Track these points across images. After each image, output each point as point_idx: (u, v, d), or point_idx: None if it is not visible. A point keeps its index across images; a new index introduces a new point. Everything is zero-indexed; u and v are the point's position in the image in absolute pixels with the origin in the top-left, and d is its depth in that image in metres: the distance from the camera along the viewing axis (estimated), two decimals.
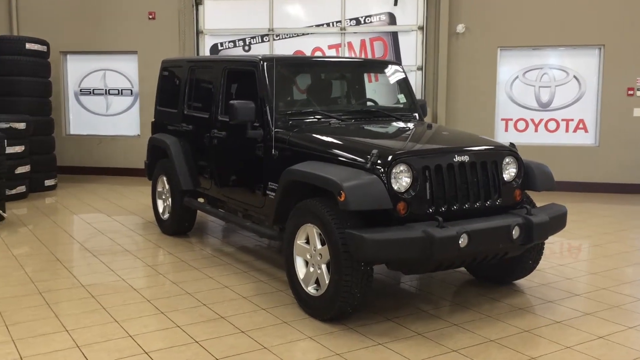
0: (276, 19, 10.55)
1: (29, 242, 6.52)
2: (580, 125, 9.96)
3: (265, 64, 5.26)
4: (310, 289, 4.39)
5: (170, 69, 6.97)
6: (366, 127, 5.17)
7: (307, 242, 4.42)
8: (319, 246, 4.28)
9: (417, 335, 4.09)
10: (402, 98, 5.92)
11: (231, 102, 5.09)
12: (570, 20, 9.68)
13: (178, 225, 6.68)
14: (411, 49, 10.27)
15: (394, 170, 4.12)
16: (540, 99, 10.08)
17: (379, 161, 4.15)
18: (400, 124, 5.39)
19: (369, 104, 5.89)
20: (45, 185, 9.70)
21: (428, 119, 9.67)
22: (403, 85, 5.97)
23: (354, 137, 4.77)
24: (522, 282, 5.21)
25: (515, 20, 9.84)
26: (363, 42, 10.40)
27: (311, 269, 4.39)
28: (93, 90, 11.54)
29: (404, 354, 3.78)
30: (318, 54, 10.44)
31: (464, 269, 5.39)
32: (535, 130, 10.11)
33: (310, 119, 5.19)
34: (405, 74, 6.04)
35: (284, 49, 10.54)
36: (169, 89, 6.88)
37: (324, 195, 4.30)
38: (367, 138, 4.69)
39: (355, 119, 5.38)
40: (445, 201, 4.26)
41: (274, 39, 10.60)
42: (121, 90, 11.44)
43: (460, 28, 9.92)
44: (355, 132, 4.99)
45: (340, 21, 10.39)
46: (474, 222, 4.17)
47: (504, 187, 4.52)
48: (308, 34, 10.53)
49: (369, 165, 4.16)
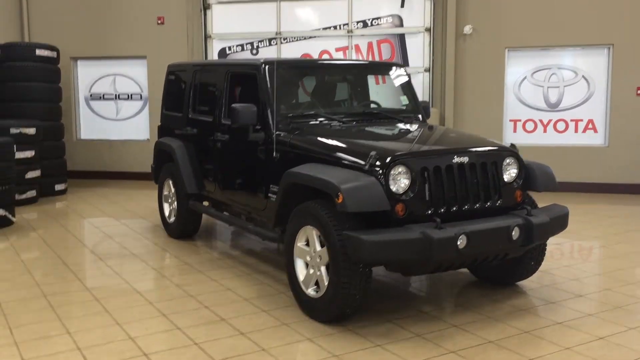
0: (283, 22, 10.60)
1: (37, 246, 6.60)
2: (590, 126, 9.89)
3: (266, 67, 5.29)
4: (310, 291, 4.40)
5: (175, 73, 7.03)
6: (367, 129, 5.18)
7: (308, 244, 4.43)
8: (318, 248, 4.29)
9: (416, 336, 4.08)
10: (404, 100, 5.92)
11: (233, 105, 5.13)
12: (578, 20, 9.62)
13: (184, 229, 6.72)
14: (418, 50, 10.27)
15: (392, 172, 4.12)
16: (549, 99, 10.02)
17: (377, 163, 4.15)
18: (402, 126, 5.39)
19: (372, 106, 5.89)
20: (56, 189, 9.80)
21: (435, 120, 9.69)
22: (406, 87, 5.97)
23: (354, 139, 4.78)
24: (525, 283, 5.19)
25: (522, 20, 9.80)
26: (370, 45, 10.41)
27: (311, 271, 4.40)
28: (103, 95, 11.65)
29: (401, 355, 3.78)
30: (325, 56, 10.46)
31: (466, 270, 5.37)
32: (544, 131, 10.06)
33: (311, 122, 5.22)
34: (408, 76, 6.04)
35: (292, 52, 10.58)
36: (175, 93, 6.94)
37: (323, 197, 4.32)
38: (366, 140, 4.71)
39: (357, 121, 5.39)
40: (445, 202, 4.25)
41: (282, 43, 10.64)
42: (131, 95, 11.54)
43: (467, 29, 9.90)
44: (355, 134, 5.00)
45: (347, 24, 10.41)
46: (473, 223, 4.16)
47: (504, 188, 4.51)
48: (315, 37, 10.56)
49: (367, 167, 4.18)
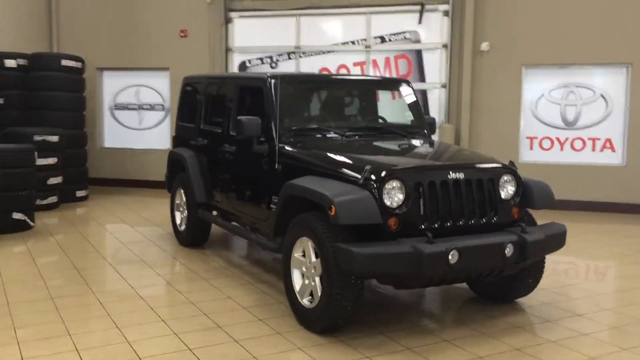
0: (303, 36, 10.75)
1: (52, 250, 6.79)
2: (607, 145, 9.81)
3: (272, 81, 5.41)
4: (305, 301, 4.48)
5: (190, 85, 7.21)
6: (368, 144, 5.25)
7: (304, 255, 4.52)
8: (313, 259, 4.37)
9: (406, 349, 4.13)
10: (410, 115, 5.98)
11: (238, 117, 5.27)
12: (596, 39, 9.58)
13: (193, 237, 6.86)
14: (435, 66, 10.32)
15: (386, 186, 4.19)
16: (566, 117, 9.98)
17: (372, 177, 4.23)
18: (403, 141, 5.46)
19: (376, 121, 5.97)
20: (77, 196, 10.05)
21: (450, 136, 9.73)
22: (411, 102, 6.04)
23: (353, 153, 4.86)
24: (524, 301, 5.18)
25: (540, 38, 9.80)
26: (388, 60, 10.50)
27: (306, 282, 4.48)
28: (127, 105, 11.94)
29: None
30: (343, 71, 10.58)
31: (466, 286, 5.39)
32: (561, 149, 10.00)
33: (314, 135, 5.32)
34: (414, 92, 6.11)
35: (310, 66, 10.72)
36: (189, 105, 7.11)
37: (319, 209, 4.40)
38: (365, 154, 4.78)
39: (360, 135, 5.47)
40: (439, 217, 4.30)
41: (300, 57, 10.79)
42: (153, 105, 11.80)
43: (484, 46, 9.93)
44: (355, 149, 5.09)
45: (365, 39, 10.52)
46: (466, 238, 4.20)
47: (500, 205, 4.54)
48: (334, 51, 10.69)
49: (362, 180, 4.25)
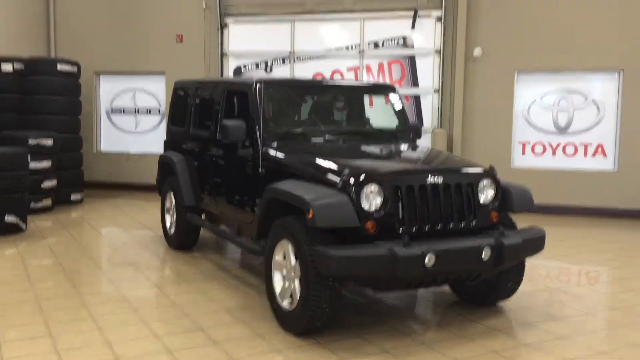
0: (297, 42, 10.82)
1: (43, 253, 6.85)
2: (599, 150, 9.85)
3: (257, 85, 5.48)
4: (285, 304, 4.53)
5: (180, 89, 7.27)
6: (350, 148, 5.31)
7: (285, 257, 4.57)
8: (293, 262, 4.42)
9: (382, 352, 4.17)
10: (395, 120, 6.03)
11: (223, 122, 5.33)
12: (589, 45, 9.63)
13: (182, 240, 6.92)
14: (428, 72, 10.38)
15: (364, 190, 4.24)
16: (559, 122, 10.02)
17: (350, 180, 4.28)
18: (386, 146, 5.51)
19: (362, 125, 6.03)
20: (72, 199, 10.12)
21: (443, 141, 9.78)
22: (397, 107, 6.09)
23: (335, 157, 4.89)
24: (506, 304, 5.22)
25: (532, 44, 9.85)
26: (381, 65, 10.56)
27: (286, 284, 4.53)
28: (123, 109, 12.02)
29: None
30: (337, 76, 10.64)
31: (449, 289, 5.44)
32: (553, 154, 10.03)
33: (298, 139, 5.38)
34: (399, 97, 6.17)
35: (305, 71, 10.79)
36: (179, 109, 7.17)
37: (299, 213, 4.45)
38: (346, 158, 4.83)
39: (344, 140, 5.53)
40: (417, 221, 4.35)
41: (295, 62, 10.86)
42: (149, 109, 11.88)
43: (477, 52, 9.99)
44: (337, 153, 5.14)
45: (359, 44, 10.58)
46: (443, 242, 4.25)
47: (479, 209, 4.58)
48: (328, 56, 10.75)
49: (340, 184, 4.31)
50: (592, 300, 5.48)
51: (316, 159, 4.83)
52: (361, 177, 4.27)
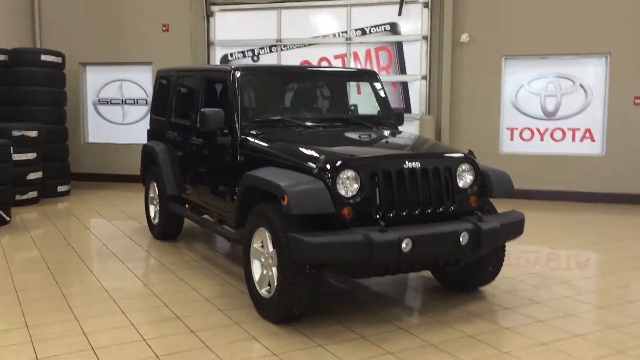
0: (284, 29, 10.76)
1: (26, 245, 6.81)
2: (587, 135, 9.83)
3: (236, 73, 5.42)
4: (263, 291, 4.50)
5: (163, 78, 7.21)
6: (329, 135, 5.27)
7: (263, 245, 4.54)
8: (270, 249, 4.39)
9: (359, 337, 4.15)
10: (376, 106, 5.99)
11: (202, 110, 5.28)
12: (576, 29, 9.59)
13: (166, 230, 6.88)
14: (416, 58, 10.33)
15: (340, 176, 4.20)
16: (546, 108, 9.98)
17: (327, 167, 4.24)
18: (367, 132, 5.47)
19: (343, 112, 5.98)
20: (58, 191, 10.07)
21: (431, 127, 9.75)
22: (378, 93, 6.05)
23: (312, 144, 4.86)
24: (487, 289, 5.21)
25: (520, 29, 9.80)
26: (368, 52, 10.50)
27: (265, 272, 4.50)
28: (110, 100, 11.95)
29: (338, 355, 3.85)
30: (324, 63, 10.58)
31: (430, 275, 5.42)
32: (541, 139, 10.01)
33: (277, 127, 5.33)
34: (380, 83, 6.12)
35: (292, 59, 10.72)
36: (161, 98, 7.11)
37: (276, 200, 4.41)
38: (323, 145, 4.79)
39: (324, 126, 5.48)
40: (394, 207, 4.31)
41: (282, 50, 10.80)
42: (137, 100, 11.81)
43: (464, 37, 9.94)
44: (315, 139, 5.10)
45: (346, 31, 10.52)
46: (420, 227, 4.22)
47: (458, 194, 4.55)
48: (315, 44, 10.69)
49: (316, 170, 4.27)
50: (573, 284, 5.46)
51: (294, 146, 4.79)
52: (337, 163, 4.23)
